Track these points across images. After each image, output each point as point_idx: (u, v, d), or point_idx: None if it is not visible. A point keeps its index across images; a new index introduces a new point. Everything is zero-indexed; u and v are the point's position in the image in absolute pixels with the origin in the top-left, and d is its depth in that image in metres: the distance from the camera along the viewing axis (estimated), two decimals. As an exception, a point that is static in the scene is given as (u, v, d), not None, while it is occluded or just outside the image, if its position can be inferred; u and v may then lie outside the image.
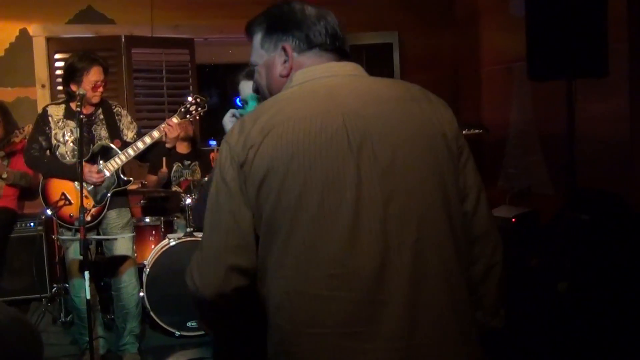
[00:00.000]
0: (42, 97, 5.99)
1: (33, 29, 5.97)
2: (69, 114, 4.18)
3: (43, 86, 6.01)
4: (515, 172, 5.60)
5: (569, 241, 3.94)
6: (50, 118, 4.21)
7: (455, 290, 1.50)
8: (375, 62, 6.42)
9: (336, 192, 1.44)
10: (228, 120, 2.40)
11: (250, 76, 2.15)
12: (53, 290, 5.29)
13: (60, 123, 4.19)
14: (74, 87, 4.13)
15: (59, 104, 4.30)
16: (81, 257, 3.65)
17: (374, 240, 1.43)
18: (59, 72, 5.94)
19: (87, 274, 3.55)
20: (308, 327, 1.42)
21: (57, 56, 6.00)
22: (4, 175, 5.35)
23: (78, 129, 3.77)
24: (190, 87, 6.21)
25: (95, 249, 4.42)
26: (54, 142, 4.19)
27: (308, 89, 1.59)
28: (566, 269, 3.84)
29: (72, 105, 4.12)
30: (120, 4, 6.10)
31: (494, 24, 5.87)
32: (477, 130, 4.72)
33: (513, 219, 4.63)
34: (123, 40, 6.02)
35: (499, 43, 5.74)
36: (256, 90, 1.84)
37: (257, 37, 1.74)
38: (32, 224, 5.59)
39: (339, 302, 1.41)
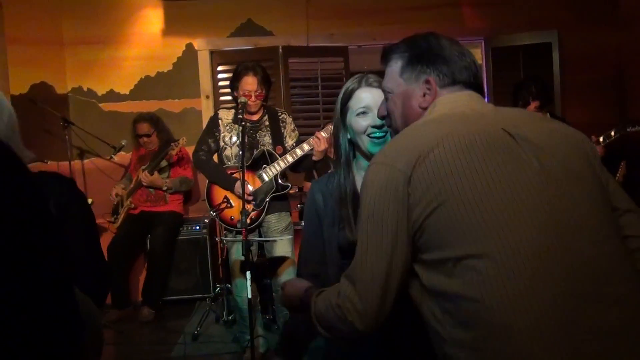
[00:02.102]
0: (206, 107, 6.33)
1: (198, 43, 6.33)
2: (237, 119, 4.35)
3: (207, 97, 6.35)
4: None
5: None
6: (220, 121, 4.42)
7: None
8: (533, 63, 6.20)
9: (522, 189, 1.43)
10: None
11: (378, 83, 2.15)
12: (216, 291, 5.53)
13: (228, 127, 4.38)
14: (235, 93, 4.33)
15: (229, 108, 4.49)
16: (243, 258, 3.80)
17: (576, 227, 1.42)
18: (221, 83, 6.26)
19: (248, 274, 3.68)
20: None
21: (219, 68, 6.32)
22: (164, 187, 5.72)
23: (240, 135, 3.95)
24: (345, 94, 6.29)
25: (257, 251, 4.59)
26: (221, 144, 4.40)
27: (457, 112, 1.60)
28: None
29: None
30: (278, 16, 6.33)
31: (664, 18, 5.50)
32: (640, 127, 4.41)
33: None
34: (280, 50, 6.22)
35: (670, 38, 5.37)
36: (384, 117, 1.84)
37: (397, 65, 1.74)
38: (197, 227, 5.92)
39: (558, 298, 1.35)
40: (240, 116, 4.01)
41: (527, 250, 1.36)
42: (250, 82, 4.28)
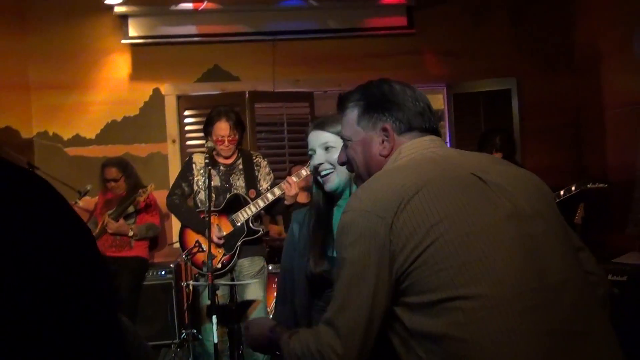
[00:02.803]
0: (172, 151, 6.35)
1: (165, 88, 6.37)
2: (211, 163, 4.39)
3: (173, 141, 6.37)
4: (645, 218, 5.35)
5: None
6: (194, 165, 4.46)
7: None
8: (493, 109, 6.38)
9: (500, 230, 1.48)
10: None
11: (319, 126, 2.26)
12: (182, 337, 5.48)
13: (202, 170, 4.40)
14: (208, 138, 4.37)
15: (204, 152, 4.53)
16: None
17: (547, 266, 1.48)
18: (188, 127, 6.31)
19: (214, 318, 3.68)
20: None
21: (186, 113, 6.36)
22: (130, 234, 5.69)
23: (207, 181, 3.98)
24: (310, 138, 6.38)
25: (229, 296, 4.57)
26: (195, 188, 4.43)
27: (425, 157, 1.65)
28: None
29: (215, 155, 4.37)
30: (245, 62, 6.42)
31: (616, 66, 5.72)
32: (602, 185, 4.59)
33: (644, 266, 4.41)
34: (247, 95, 6.30)
35: (623, 85, 5.58)
36: (344, 163, 1.90)
37: (353, 113, 1.78)
38: (162, 272, 5.87)
39: (538, 335, 1.40)
40: (207, 161, 4.05)
41: (511, 290, 1.41)
42: (223, 128, 4.33)
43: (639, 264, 4.51)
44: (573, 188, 4.51)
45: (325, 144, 2.23)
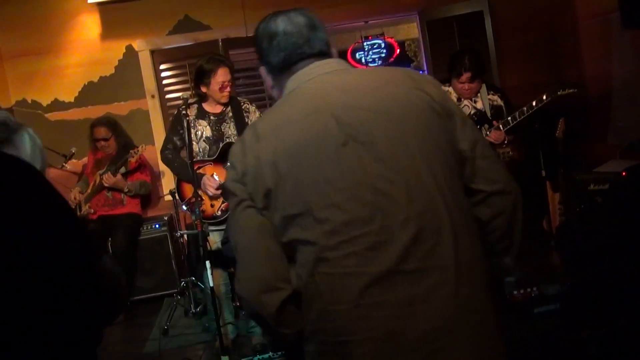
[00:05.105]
0: (152, 106, 6.38)
1: (138, 44, 6.36)
2: (200, 114, 4.41)
3: (153, 96, 6.39)
4: (624, 126, 5.42)
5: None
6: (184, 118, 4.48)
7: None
8: (467, 32, 6.37)
9: (342, 180, 1.55)
10: None
11: None
12: (182, 285, 5.61)
13: (192, 123, 4.40)
14: (203, 89, 4.35)
15: (192, 104, 4.51)
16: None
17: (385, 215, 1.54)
18: (166, 81, 6.31)
19: (208, 263, 3.79)
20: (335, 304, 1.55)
21: (162, 67, 6.37)
22: (126, 189, 5.77)
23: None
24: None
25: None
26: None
27: (297, 95, 1.69)
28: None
29: (204, 105, 4.40)
30: (214, 10, 6.38)
31: (586, -23, 5.71)
32: (571, 90, 4.63)
33: (623, 173, 4.49)
34: (220, 43, 6.28)
35: (594, -5, 5.58)
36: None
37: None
38: (157, 225, 5.98)
39: (363, 276, 1.52)
40: (183, 112, 4.06)
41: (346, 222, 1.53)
42: (226, 73, 4.34)
43: (619, 172, 4.59)
44: (544, 97, 4.57)
45: None
